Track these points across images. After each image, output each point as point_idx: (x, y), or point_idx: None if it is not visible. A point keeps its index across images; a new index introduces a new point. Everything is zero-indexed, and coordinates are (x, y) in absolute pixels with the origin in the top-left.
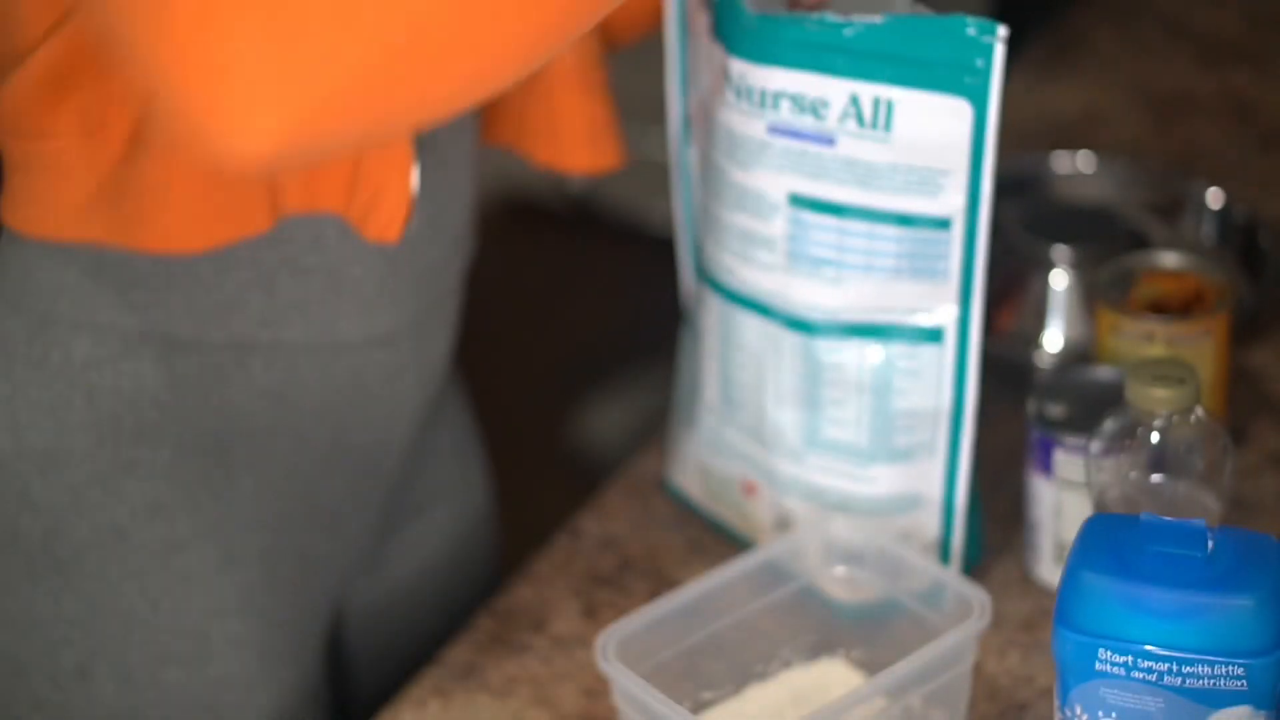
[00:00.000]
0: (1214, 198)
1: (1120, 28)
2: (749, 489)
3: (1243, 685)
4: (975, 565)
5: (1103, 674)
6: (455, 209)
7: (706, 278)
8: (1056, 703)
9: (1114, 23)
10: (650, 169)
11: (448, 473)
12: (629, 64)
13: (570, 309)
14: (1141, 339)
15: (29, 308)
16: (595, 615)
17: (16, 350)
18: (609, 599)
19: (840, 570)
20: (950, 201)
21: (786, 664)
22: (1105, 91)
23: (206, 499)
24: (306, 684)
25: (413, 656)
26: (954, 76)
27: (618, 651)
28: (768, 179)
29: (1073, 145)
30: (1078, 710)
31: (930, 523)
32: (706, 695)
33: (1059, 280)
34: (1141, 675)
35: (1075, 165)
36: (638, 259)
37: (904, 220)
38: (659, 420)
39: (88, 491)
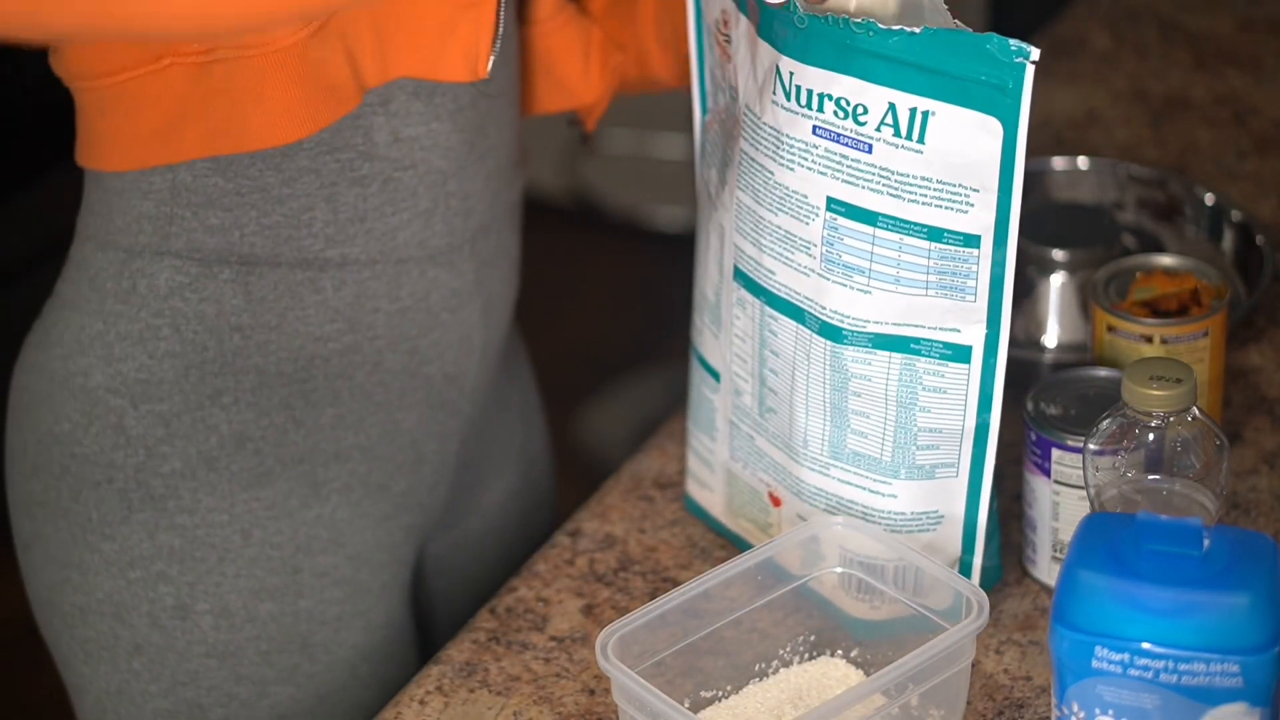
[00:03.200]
0: (1210, 199)
1: (1117, 31)
2: (776, 500)
3: (1238, 682)
4: (995, 585)
5: (1100, 672)
6: (497, 135)
7: (745, 281)
8: (1054, 700)
9: (1110, 26)
10: (652, 169)
11: (516, 430)
12: None
13: (572, 309)
14: (1138, 339)
15: (114, 242)
16: (595, 614)
17: (106, 285)
18: (609, 598)
19: (859, 593)
20: (980, 219)
21: (786, 662)
22: (1102, 94)
23: (291, 428)
24: (393, 623)
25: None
26: (986, 94)
27: (617, 650)
28: (809, 181)
29: (1070, 147)
30: (1075, 708)
31: (951, 542)
32: (706, 693)
33: (1057, 281)
34: (1138, 673)
35: (1072, 167)
36: (639, 259)
37: (934, 234)
38: (660, 420)
39: (178, 421)
